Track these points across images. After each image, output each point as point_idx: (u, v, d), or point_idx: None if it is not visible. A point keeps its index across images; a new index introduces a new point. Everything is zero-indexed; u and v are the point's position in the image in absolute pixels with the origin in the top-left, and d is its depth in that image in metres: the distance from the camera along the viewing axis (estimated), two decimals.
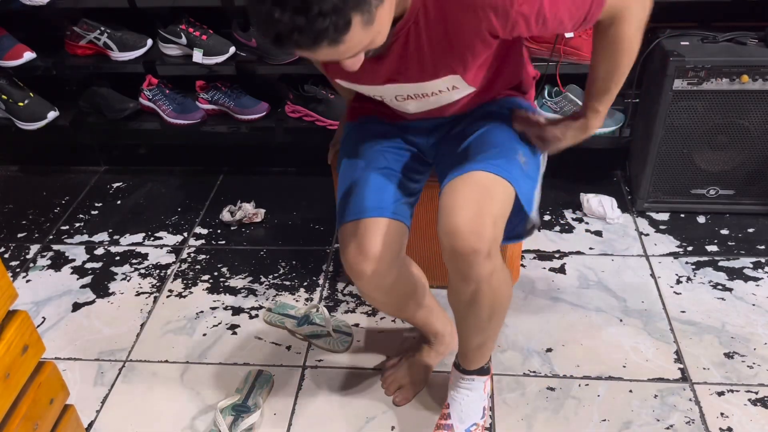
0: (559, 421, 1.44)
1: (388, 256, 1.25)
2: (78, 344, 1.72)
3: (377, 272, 1.25)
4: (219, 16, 2.06)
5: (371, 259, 1.24)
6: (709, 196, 2.00)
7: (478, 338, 1.32)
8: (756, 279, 1.79)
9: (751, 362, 1.56)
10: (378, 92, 1.24)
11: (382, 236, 1.25)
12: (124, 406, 1.54)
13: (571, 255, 1.92)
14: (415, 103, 1.25)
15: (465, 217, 1.11)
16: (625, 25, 1.15)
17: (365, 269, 1.24)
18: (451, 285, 1.23)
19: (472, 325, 1.28)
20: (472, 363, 1.39)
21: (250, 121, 2.13)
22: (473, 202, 1.13)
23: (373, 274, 1.25)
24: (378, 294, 1.32)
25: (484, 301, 1.20)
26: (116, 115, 2.18)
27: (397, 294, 1.35)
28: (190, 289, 1.88)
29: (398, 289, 1.34)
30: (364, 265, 1.24)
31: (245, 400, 1.49)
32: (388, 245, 1.25)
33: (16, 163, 2.53)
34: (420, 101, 1.24)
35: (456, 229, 1.11)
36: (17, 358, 1.00)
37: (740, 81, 1.78)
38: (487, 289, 1.18)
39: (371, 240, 1.24)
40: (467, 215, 1.11)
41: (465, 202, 1.13)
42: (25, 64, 2.06)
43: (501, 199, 1.17)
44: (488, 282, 1.16)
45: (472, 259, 1.12)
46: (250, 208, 2.15)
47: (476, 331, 1.30)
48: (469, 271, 1.14)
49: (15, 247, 2.09)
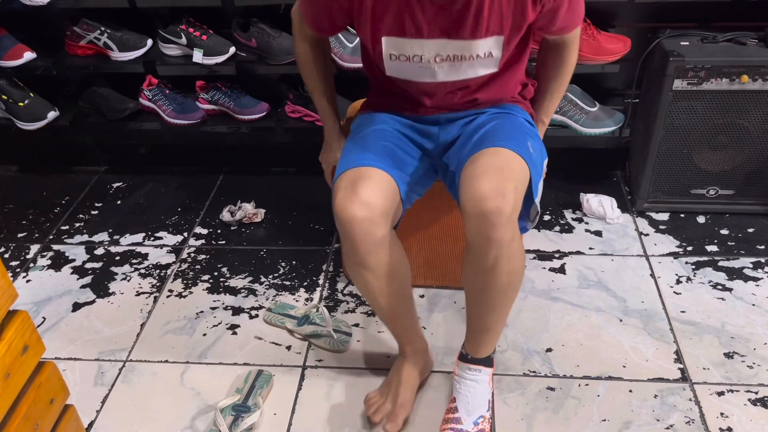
0: (559, 421, 1.44)
1: (382, 206, 1.24)
2: (78, 344, 1.72)
3: (369, 220, 1.22)
4: (219, 16, 2.06)
5: (364, 203, 1.22)
6: (709, 196, 2.00)
7: (491, 315, 1.33)
8: (756, 279, 1.80)
9: (751, 362, 1.56)
10: (421, 49, 1.27)
11: (378, 185, 1.25)
12: (124, 406, 1.54)
13: (571, 255, 1.92)
14: (447, 68, 1.30)
15: (489, 182, 1.16)
16: (575, 48, 1.41)
17: (357, 213, 1.21)
18: (470, 255, 1.25)
19: (489, 298, 1.29)
20: (480, 348, 1.39)
21: (250, 121, 2.13)
22: (495, 169, 1.19)
23: (365, 220, 1.22)
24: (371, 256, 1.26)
25: (504, 267, 1.22)
26: (116, 115, 2.18)
27: (388, 263, 1.30)
28: (190, 289, 1.88)
29: (390, 257, 1.30)
30: (356, 207, 1.21)
31: (245, 400, 1.49)
32: (384, 196, 1.25)
33: (16, 163, 2.53)
34: (452, 67, 1.29)
35: (481, 193, 1.15)
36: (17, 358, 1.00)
37: (740, 81, 1.78)
38: (507, 255, 1.20)
39: (366, 185, 1.24)
40: (491, 180, 1.17)
41: (487, 169, 1.19)
42: (25, 64, 2.06)
43: (519, 172, 1.22)
44: (509, 247, 1.19)
45: (496, 219, 1.15)
46: (250, 208, 2.15)
47: (491, 305, 1.31)
48: (492, 233, 1.16)
49: (15, 247, 2.09)
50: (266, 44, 1.96)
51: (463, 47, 1.26)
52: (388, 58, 1.32)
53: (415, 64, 1.31)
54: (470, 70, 1.32)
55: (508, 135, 1.31)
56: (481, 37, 1.24)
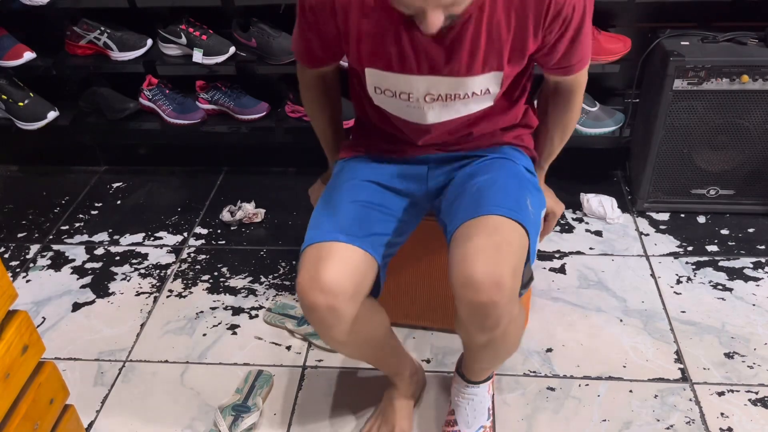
0: (559, 421, 1.44)
1: (348, 289, 1.11)
2: (78, 344, 1.72)
3: (332, 307, 1.10)
4: (219, 16, 2.06)
5: (326, 290, 1.09)
6: (709, 196, 2.00)
7: (488, 363, 1.32)
8: (756, 279, 1.79)
9: (752, 362, 1.56)
10: (409, 86, 1.15)
11: (343, 264, 1.12)
12: (124, 406, 1.54)
13: (571, 255, 1.92)
14: (438, 109, 1.19)
15: (483, 267, 1.03)
16: (580, 94, 1.29)
17: (318, 300, 1.09)
18: (463, 329, 1.16)
19: (482, 359, 1.28)
20: (478, 376, 1.36)
21: (250, 121, 2.13)
22: (491, 249, 1.06)
23: (328, 309, 1.10)
24: (340, 336, 1.16)
25: (499, 345, 1.19)
26: (116, 115, 2.18)
27: (357, 339, 1.20)
28: (190, 289, 1.88)
29: (358, 333, 1.18)
30: (317, 295, 1.09)
31: (245, 400, 1.49)
32: (350, 276, 1.12)
33: (16, 163, 2.53)
34: (444, 107, 1.18)
35: (473, 281, 1.03)
36: (17, 358, 1.00)
37: (740, 81, 1.78)
38: (502, 337, 1.14)
39: (330, 267, 1.10)
40: (485, 265, 1.03)
41: (482, 249, 1.05)
42: (25, 64, 2.06)
43: (518, 246, 1.10)
44: (504, 330, 1.10)
45: (491, 311, 1.04)
46: (250, 208, 2.15)
47: (486, 363, 1.31)
48: (486, 323, 1.07)
49: (15, 247, 2.09)
50: (266, 44, 1.96)
51: (457, 85, 1.14)
52: (374, 91, 1.20)
53: (403, 102, 1.19)
54: (463, 108, 1.20)
55: (505, 194, 1.18)
56: (477, 74, 1.12)
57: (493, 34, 1.08)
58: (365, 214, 1.22)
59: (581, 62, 1.21)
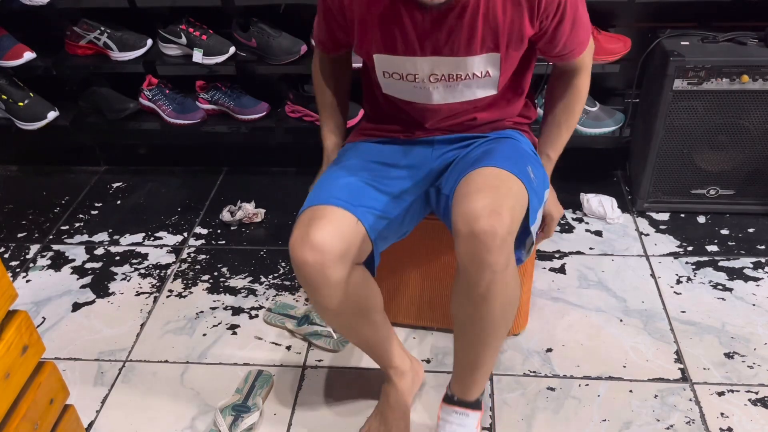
0: (559, 421, 1.44)
1: (337, 249, 1.15)
2: (78, 344, 1.72)
3: (321, 264, 1.14)
4: (219, 16, 2.06)
5: (316, 248, 1.14)
6: (709, 196, 2.00)
7: (481, 351, 1.25)
8: (756, 279, 1.79)
9: (752, 362, 1.56)
10: (414, 68, 1.22)
11: (333, 226, 1.17)
12: (124, 406, 1.54)
13: (571, 255, 1.92)
14: (443, 89, 1.25)
15: (483, 201, 1.09)
16: (586, 77, 1.34)
17: (307, 257, 1.14)
18: (461, 282, 1.17)
19: (480, 330, 1.21)
20: (468, 389, 1.32)
21: (250, 121, 2.13)
22: (491, 188, 1.13)
23: (315, 265, 1.14)
24: (329, 299, 1.19)
25: (498, 296, 1.14)
26: (116, 115, 2.18)
27: (347, 308, 1.23)
28: (190, 289, 1.88)
29: (348, 301, 1.21)
30: (307, 251, 1.14)
31: (245, 400, 1.49)
32: (339, 238, 1.16)
33: (16, 163, 2.53)
34: (448, 88, 1.24)
35: (475, 212, 1.08)
36: (17, 358, 1.00)
37: (740, 81, 1.78)
38: (501, 282, 1.12)
39: (320, 226, 1.16)
40: (485, 199, 1.10)
41: (482, 188, 1.13)
42: (25, 64, 2.06)
43: (515, 193, 1.16)
44: (503, 273, 1.11)
45: (491, 242, 1.07)
46: (250, 208, 2.15)
47: (482, 339, 1.23)
48: (486, 257, 1.08)
49: (15, 247, 2.09)
50: (266, 44, 1.96)
51: (458, 65, 1.21)
52: (382, 76, 1.27)
53: (410, 84, 1.26)
54: (467, 91, 1.26)
55: (506, 156, 1.25)
56: (475, 54, 1.19)
57: (489, 16, 1.15)
58: (361, 187, 1.27)
59: (582, 44, 1.26)
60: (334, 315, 1.24)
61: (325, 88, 1.44)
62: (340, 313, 1.24)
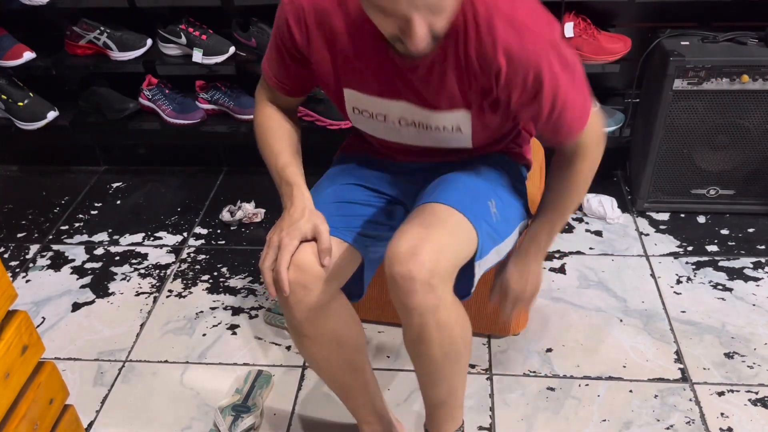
0: (559, 421, 1.44)
1: (318, 270, 1.09)
2: (78, 344, 1.71)
3: (302, 285, 1.08)
4: (219, 15, 2.06)
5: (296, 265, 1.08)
6: (709, 196, 2.00)
7: (437, 390, 1.19)
8: (756, 279, 1.79)
9: (752, 362, 1.56)
10: (384, 109, 1.15)
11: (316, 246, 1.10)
12: (123, 406, 1.54)
13: (571, 255, 1.92)
14: (415, 132, 1.17)
15: (406, 243, 1.02)
16: (586, 162, 1.17)
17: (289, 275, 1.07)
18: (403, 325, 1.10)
19: (426, 371, 1.15)
20: (440, 425, 1.25)
21: (250, 120, 2.12)
22: (419, 227, 1.05)
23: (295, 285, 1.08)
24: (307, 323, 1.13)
25: (432, 339, 1.06)
26: (116, 115, 2.18)
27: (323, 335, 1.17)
28: (189, 289, 1.87)
29: (325, 328, 1.16)
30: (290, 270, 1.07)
31: (245, 400, 1.49)
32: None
33: (15, 163, 2.53)
34: (419, 133, 1.17)
35: (394, 254, 1.01)
36: (17, 358, 1.00)
37: (740, 81, 1.78)
38: (433, 324, 1.04)
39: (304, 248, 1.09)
40: (408, 240, 1.02)
41: (411, 228, 1.04)
42: (25, 64, 2.06)
43: (452, 230, 1.07)
44: (433, 316, 1.03)
45: (409, 286, 1.00)
46: (250, 208, 2.15)
47: (433, 380, 1.17)
48: (407, 301, 1.02)
49: (15, 247, 2.09)
50: (266, 44, 1.96)
51: (427, 117, 1.13)
52: (352, 112, 1.20)
53: (380, 123, 1.18)
54: (440, 139, 1.18)
55: (465, 189, 1.14)
56: (443, 109, 1.10)
57: (463, 75, 1.06)
58: (349, 209, 1.21)
59: (572, 128, 1.11)
60: (311, 342, 1.17)
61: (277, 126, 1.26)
62: (316, 342, 1.17)
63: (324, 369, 1.24)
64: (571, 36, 1.87)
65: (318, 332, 1.15)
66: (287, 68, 1.19)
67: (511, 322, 1.58)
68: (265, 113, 1.26)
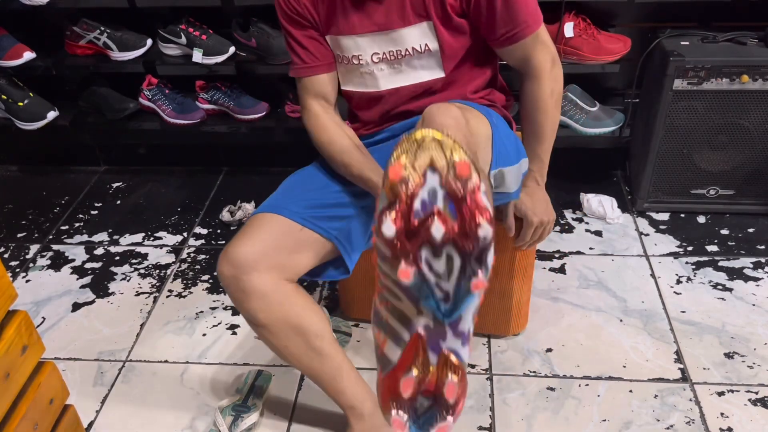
0: (559, 421, 1.44)
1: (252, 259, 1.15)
2: (78, 344, 1.71)
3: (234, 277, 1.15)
4: (219, 16, 2.06)
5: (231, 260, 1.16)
6: (709, 196, 2.00)
7: None
8: (756, 279, 1.79)
9: (752, 362, 1.56)
10: (358, 47, 1.25)
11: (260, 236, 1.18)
12: (123, 406, 1.54)
13: (571, 255, 1.92)
14: (387, 72, 1.26)
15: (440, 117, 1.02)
16: (539, 85, 1.28)
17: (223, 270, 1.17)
18: None
19: None
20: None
21: (250, 121, 2.13)
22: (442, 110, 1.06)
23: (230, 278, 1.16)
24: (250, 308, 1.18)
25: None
26: (116, 115, 2.18)
27: (278, 323, 1.19)
28: (189, 289, 1.87)
29: (278, 315, 1.19)
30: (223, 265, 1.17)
31: (245, 400, 1.49)
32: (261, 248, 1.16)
33: (15, 163, 2.53)
34: (392, 70, 1.26)
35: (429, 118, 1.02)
36: (17, 358, 1.00)
37: (740, 81, 1.78)
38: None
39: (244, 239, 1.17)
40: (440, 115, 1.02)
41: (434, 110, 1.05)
42: (25, 64, 2.06)
43: (475, 113, 1.13)
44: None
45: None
46: (250, 208, 2.15)
47: None
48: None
49: (15, 247, 2.09)
50: (266, 44, 1.96)
51: (395, 40, 1.23)
52: (336, 61, 1.30)
53: (357, 70, 1.28)
54: (412, 74, 1.26)
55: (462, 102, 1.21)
56: (409, 24, 1.21)
57: None
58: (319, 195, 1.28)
59: (527, 24, 1.21)
60: (268, 332, 1.21)
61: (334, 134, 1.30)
62: (272, 331, 1.21)
63: (288, 357, 1.26)
64: (571, 36, 1.87)
65: (271, 321, 1.19)
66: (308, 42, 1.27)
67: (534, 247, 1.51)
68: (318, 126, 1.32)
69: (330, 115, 1.32)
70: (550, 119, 1.31)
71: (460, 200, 0.78)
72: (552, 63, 1.28)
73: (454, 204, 0.79)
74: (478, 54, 1.28)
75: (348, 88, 1.34)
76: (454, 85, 1.29)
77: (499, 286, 1.54)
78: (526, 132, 1.36)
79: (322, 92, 1.31)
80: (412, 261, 0.80)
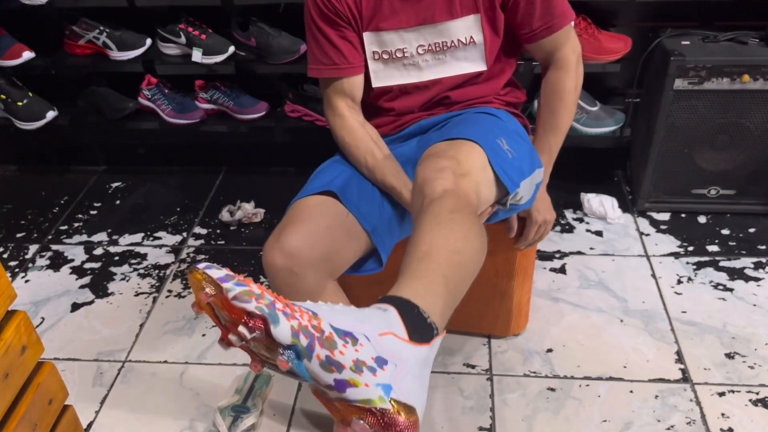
0: (559, 421, 1.44)
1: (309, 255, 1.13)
2: (77, 344, 1.71)
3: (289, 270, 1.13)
4: (218, 15, 2.05)
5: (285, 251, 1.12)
6: (710, 196, 2.00)
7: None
8: (757, 279, 1.79)
9: (752, 362, 1.55)
10: (403, 41, 1.26)
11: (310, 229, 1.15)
12: (123, 407, 1.53)
13: (571, 255, 1.92)
14: (432, 62, 1.28)
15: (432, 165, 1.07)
16: (570, 74, 1.32)
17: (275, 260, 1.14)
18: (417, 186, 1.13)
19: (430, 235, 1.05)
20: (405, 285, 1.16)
21: (250, 120, 2.13)
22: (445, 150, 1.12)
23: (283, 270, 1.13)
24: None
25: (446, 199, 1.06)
26: (115, 114, 2.17)
27: None
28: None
29: None
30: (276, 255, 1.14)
31: (245, 401, 1.49)
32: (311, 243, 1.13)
33: (14, 163, 2.53)
34: (437, 60, 1.28)
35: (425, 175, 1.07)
36: (16, 358, 0.99)
37: (741, 80, 1.78)
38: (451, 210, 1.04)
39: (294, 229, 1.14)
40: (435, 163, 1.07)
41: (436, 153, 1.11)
42: (24, 64, 2.05)
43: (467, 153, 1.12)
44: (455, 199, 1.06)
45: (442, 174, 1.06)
46: (250, 208, 2.15)
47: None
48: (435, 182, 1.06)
49: (14, 247, 2.09)
50: (266, 43, 1.96)
51: (442, 32, 1.25)
52: (372, 58, 1.29)
53: (399, 62, 1.29)
54: (456, 65, 1.29)
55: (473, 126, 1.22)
56: (456, 17, 1.24)
57: None
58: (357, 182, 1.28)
59: (564, 16, 1.27)
60: None
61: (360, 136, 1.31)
62: None
63: None
64: None
65: None
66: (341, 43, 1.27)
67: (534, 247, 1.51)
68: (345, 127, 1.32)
69: (355, 116, 1.33)
70: (568, 112, 1.34)
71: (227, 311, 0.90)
72: (578, 58, 1.33)
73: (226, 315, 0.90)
74: (507, 50, 1.32)
75: (384, 84, 1.32)
76: (491, 80, 1.34)
77: (499, 286, 1.54)
78: (542, 123, 1.37)
79: (350, 93, 1.32)
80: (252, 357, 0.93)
